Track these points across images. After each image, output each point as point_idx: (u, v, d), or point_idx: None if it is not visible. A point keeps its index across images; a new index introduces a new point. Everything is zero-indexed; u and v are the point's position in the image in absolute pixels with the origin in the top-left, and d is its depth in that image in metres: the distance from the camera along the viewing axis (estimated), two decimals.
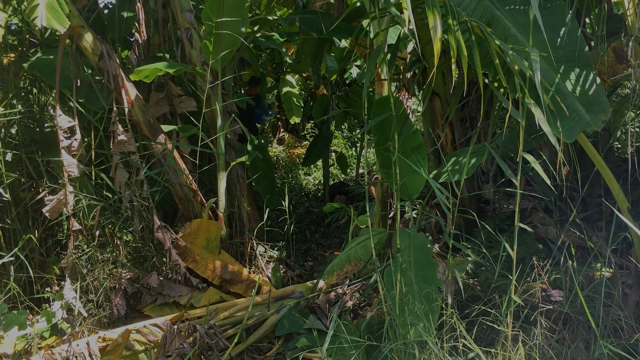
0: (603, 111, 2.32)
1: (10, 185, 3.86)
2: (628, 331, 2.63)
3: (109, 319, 3.57)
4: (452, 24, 2.18)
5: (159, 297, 3.74)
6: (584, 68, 2.43)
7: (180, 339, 2.95)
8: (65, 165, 3.71)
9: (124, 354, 2.95)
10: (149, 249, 3.92)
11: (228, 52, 3.88)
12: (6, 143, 3.95)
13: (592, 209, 3.51)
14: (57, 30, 3.24)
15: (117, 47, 4.59)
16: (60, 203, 3.70)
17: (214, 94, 4.08)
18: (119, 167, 3.90)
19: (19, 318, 2.99)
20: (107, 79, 3.85)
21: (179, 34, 4.12)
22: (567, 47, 2.49)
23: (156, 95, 4.37)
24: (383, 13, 2.77)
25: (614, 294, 2.70)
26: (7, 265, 3.61)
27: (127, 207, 3.88)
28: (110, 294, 3.68)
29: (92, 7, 4.74)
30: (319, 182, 7.32)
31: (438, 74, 3.73)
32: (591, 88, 2.39)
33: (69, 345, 2.83)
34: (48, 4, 3.19)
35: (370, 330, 2.91)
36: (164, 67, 3.70)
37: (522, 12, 2.59)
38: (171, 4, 4.15)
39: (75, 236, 3.73)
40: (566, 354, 2.56)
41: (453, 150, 3.92)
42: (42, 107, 4.55)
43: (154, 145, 3.94)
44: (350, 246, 3.21)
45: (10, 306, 3.47)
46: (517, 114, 2.21)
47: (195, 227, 3.93)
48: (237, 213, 4.35)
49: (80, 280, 3.60)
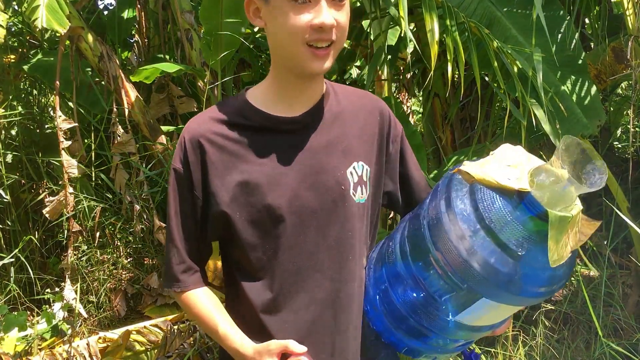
0: (598, 117, 2.45)
1: (10, 186, 3.87)
2: (628, 331, 2.63)
3: (109, 319, 3.57)
4: (450, 25, 2.19)
5: (160, 298, 3.74)
6: (580, 74, 2.49)
7: (181, 340, 2.96)
8: (66, 167, 3.71)
9: (125, 354, 2.95)
10: (149, 250, 3.92)
11: (228, 52, 3.88)
12: (6, 144, 3.95)
13: (592, 209, 3.51)
14: (57, 31, 3.25)
15: (117, 48, 4.59)
16: (60, 204, 3.70)
17: (213, 95, 4.08)
18: (120, 168, 3.90)
19: (19, 319, 3.00)
20: (107, 80, 3.86)
21: (179, 35, 4.12)
22: (564, 52, 2.51)
23: (157, 96, 4.37)
24: (383, 13, 2.77)
25: (614, 294, 2.70)
26: (7, 266, 3.62)
27: (128, 208, 3.89)
28: (111, 295, 3.68)
29: (92, 9, 4.74)
30: None
31: (437, 75, 3.74)
32: (587, 94, 2.44)
33: (69, 346, 2.83)
34: (48, 5, 3.20)
35: None
36: (163, 68, 3.70)
37: (522, 14, 2.60)
38: (171, 5, 4.16)
39: (75, 237, 3.73)
40: (566, 353, 2.56)
41: (453, 150, 3.92)
42: (42, 109, 4.55)
43: (154, 146, 3.95)
44: None
45: (11, 307, 3.47)
46: (518, 113, 2.21)
47: None
48: None
49: (81, 281, 3.61)
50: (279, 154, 1.13)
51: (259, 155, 1.13)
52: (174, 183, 1.17)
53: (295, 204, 1.12)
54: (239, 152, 1.13)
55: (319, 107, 1.18)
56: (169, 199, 1.18)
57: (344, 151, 1.18)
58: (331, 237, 1.14)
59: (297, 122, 1.15)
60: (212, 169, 1.13)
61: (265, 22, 1.10)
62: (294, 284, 1.14)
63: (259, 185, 1.11)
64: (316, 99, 1.18)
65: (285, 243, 1.12)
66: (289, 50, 1.07)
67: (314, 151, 1.15)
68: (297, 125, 1.15)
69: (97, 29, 4.13)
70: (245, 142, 1.13)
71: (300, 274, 1.13)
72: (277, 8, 1.04)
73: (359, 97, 1.28)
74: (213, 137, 1.14)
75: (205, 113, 1.20)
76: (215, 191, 1.13)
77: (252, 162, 1.12)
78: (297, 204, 1.12)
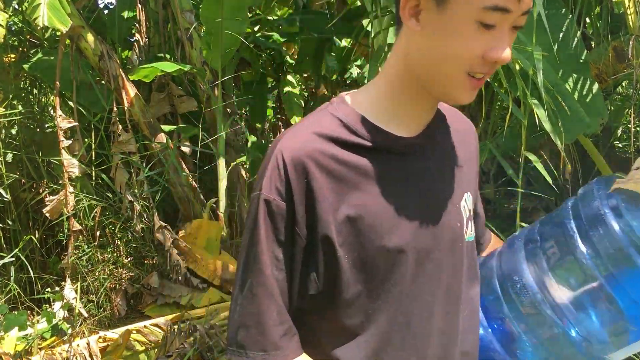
0: (600, 115, 2.44)
1: (10, 185, 3.87)
2: None
3: (109, 319, 3.57)
4: None
5: (160, 298, 3.74)
6: (582, 72, 2.48)
7: (181, 339, 2.95)
8: (66, 166, 3.71)
9: (125, 354, 2.95)
10: (149, 250, 3.92)
11: (228, 52, 3.88)
12: (6, 144, 3.95)
13: None
14: (59, 29, 3.25)
15: (117, 47, 4.59)
16: (60, 203, 3.70)
17: (213, 94, 4.08)
18: (120, 167, 3.90)
19: (20, 319, 3.00)
20: (107, 79, 3.85)
21: (179, 34, 4.12)
22: (566, 50, 2.51)
23: (157, 96, 4.37)
24: (384, 12, 2.77)
25: None
26: (7, 265, 3.61)
27: (128, 208, 3.88)
28: (111, 294, 3.68)
29: (92, 8, 4.74)
30: None
31: None
32: (589, 92, 2.43)
33: (69, 346, 2.83)
34: (49, 3, 3.19)
35: None
36: (163, 67, 3.70)
37: None
38: (171, 5, 4.15)
39: (75, 236, 3.73)
40: None
41: None
42: (42, 108, 4.55)
43: (154, 146, 3.94)
44: None
45: (11, 307, 3.47)
46: (519, 113, 2.21)
47: (195, 228, 3.93)
48: (237, 213, 4.35)
49: (81, 280, 3.60)
50: (395, 183, 0.91)
51: (372, 183, 0.90)
52: (265, 219, 0.89)
53: (413, 245, 0.91)
54: (350, 178, 0.89)
55: (434, 127, 0.98)
56: (257, 239, 0.89)
57: (457, 180, 0.99)
58: (444, 283, 0.95)
59: (415, 144, 0.94)
60: (321, 201, 0.87)
61: (424, 28, 0.85)
62: (402, 340, 0.93)
63: (374, 221, 0.89)
64: (430, 118, 0.97)
65: (399, 291, 0.91)
66: (444, 74, 0.86)
67: (430, 180, 0.95)
68: (415, 147, 0.94)
69: (97, 28, 4.12)
70: (357, 165, 0.89)
71: (409, 328, 0.93)
72: (455, 23, 0.81)
73: (455, 112, 1.09)
74: (322, 158, 0.88)
75: (304, 127, 0.93)
76: (323, 229, 0.88)
77: (366, 191, 0.89)
78: (415, 245, 0.91)
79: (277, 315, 0.89)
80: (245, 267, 0.91)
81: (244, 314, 0.91)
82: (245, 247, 0.92)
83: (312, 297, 0.92)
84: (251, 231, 0.90)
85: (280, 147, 0.89)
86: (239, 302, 0.92)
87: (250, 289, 0.90)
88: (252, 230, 0.90)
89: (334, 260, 0.88)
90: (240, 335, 0.90)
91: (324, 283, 0.91)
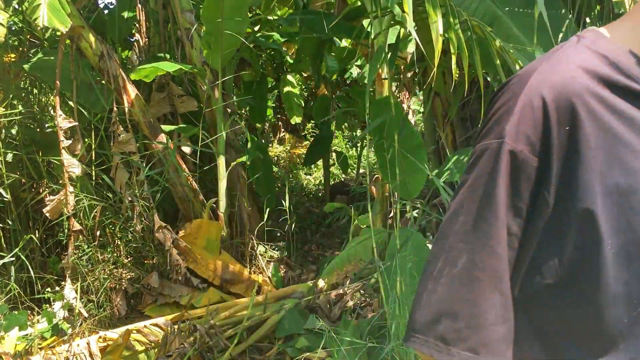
0: None
1: (10, 185, 3.87)
2: None
3: (109, 319, 3.57)
4: (452, 23, 2.19)
5: (160, 297, 3.74)
6: None
7: (181, 339, 2.95)
8: (66, 166, 3.71)
9: (125, 354, 2.95)
10: (149, 249, 3.92)
11: (228, 52, 3.88)
12: (7, 143, 3.95)
13: None
14: (58, 29, 3.25)
15: (117, 47, 4.59)
16: (60, 203, 3.70)
17: (214, 94, 4.08)
18: (120, 167, 3.90)
19: (20, 318, 3.00)
20: (107, 79, 3.85)
21: (179, 34, 4.12)
22: None
23: (157, 96, 4.37)
24: (384, 12, 2.77)
25: None
26: (7, 265, 3.62)
27: (128, 207, 3.88)
28: (111, 294, 3.68)
29: (92, 8, 4.74)
30: (320, 182, 7.32)
31: (438, 74, 3.74)
32: None
33: (69, 346, 2.83)
34: (49, 3, 3.20)
35: (371, 331, 2.90)
36: (163, 66, 3.70)
37: (524, 13, 2.59)
38: (171, 4, 4.15)
39: (75, 236, 3.73)
40: None
41: (454, 149, 3.92)
42: (42, 108, 4.55)
43: (154, 145, 3.94)
44: (350, 246, 3.21)
45: (11, 306, 3.47)
46: None
47: (195, 227, 3.93)
48: (237, 213, 4.35)
49: (81, 280, 3.60)
50: None
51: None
52: (507, 178, 0.65)
53: None
54: (623, 133, 0.64)
55: None
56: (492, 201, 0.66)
57: None
58: None
59: None
60: (587, 160, 0.64)
61: None
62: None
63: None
64: None
65: None
66: None
67: None
68: None
69: (97, 28, 4.13)
70: (632, 117, 0.65)
71: None
72: None
73: None
74: (593, 102, 0.65)
75: (565, 58, 0.68)
76: (585, 201, 0.63)
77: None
78: None
79: (501, 310, 0.66)
80: (464, 237, 0.67)
81: (454, 299, 0.67)
82: (463, 208, 0.68)
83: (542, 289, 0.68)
84: (482, 190, 0.66)
85: (535, 81, 0.66)
86: (443, 280, 0.68)
87: (468, 268, 0.66)
88: (483, 189, 0.66)
89: (592, 246, 0.64)
90: (445, 325, 0.67)
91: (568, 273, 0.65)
